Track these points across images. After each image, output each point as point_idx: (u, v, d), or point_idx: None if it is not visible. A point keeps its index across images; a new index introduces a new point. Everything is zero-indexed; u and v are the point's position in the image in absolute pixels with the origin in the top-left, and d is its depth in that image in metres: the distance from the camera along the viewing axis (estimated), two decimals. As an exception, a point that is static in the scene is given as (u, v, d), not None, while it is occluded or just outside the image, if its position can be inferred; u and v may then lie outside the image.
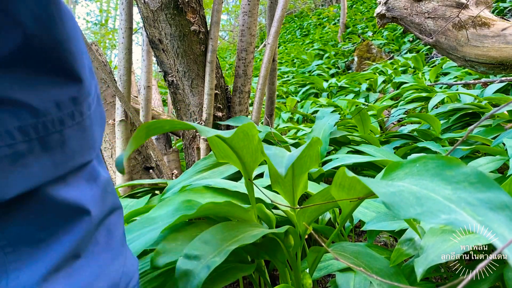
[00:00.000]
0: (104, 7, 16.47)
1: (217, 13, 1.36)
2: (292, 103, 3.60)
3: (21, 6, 0.32)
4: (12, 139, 0.34)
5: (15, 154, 0.34)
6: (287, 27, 11.45)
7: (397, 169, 0.44)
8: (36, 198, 0.37)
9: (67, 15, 0.37)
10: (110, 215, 0.46)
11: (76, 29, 0.39)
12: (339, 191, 0.53)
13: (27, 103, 0.34)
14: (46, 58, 0.35)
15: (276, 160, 0.45)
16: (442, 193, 0.35)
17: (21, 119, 0.34)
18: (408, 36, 5.66)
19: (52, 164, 0.37)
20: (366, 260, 0.63)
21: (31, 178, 0.36)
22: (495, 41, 1.69)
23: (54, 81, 0.37)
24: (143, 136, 0.44)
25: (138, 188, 1.40)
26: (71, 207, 0.39)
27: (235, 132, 0.52)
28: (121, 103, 1.38)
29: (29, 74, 0.34)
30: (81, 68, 0.40)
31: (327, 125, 1.50)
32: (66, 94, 0.38)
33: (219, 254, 0.52)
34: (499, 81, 2.02)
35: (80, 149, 0.40)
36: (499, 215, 0.31)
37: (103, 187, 0.45)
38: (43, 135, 0.36)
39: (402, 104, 2.50)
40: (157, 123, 0.45)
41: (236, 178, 1.02)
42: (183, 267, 0.50)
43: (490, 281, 0.56)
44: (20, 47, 0.33)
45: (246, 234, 0.57)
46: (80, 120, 0.40)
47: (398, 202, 0.33)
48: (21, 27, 0.32)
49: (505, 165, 1.27)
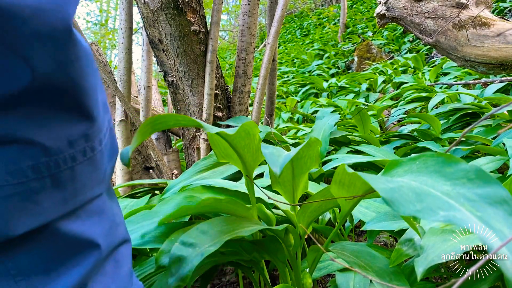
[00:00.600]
0: (104, 7, 16.47)
1: (217, 13, 1.36)
2: (292, 103, 3.60)
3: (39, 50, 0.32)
4: (25, 177, 0.34)
5: (26, 192, 0.34)
6: (287, 27, 11.45)
7: (397, 167, 0.44)
8: (46, 232, 0.37)
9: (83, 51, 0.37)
10: (119, 247, 0.47)
11: (91, 64, 0.39)
12: (339, 188, 0.53)
13: (39, 142, 0.34)
14: (59, 97, 0.35)
15: (272, 160, 0.45)
16: (441, 189, 0.35)
17: (34, 158, 0.34)
18: (408, 36, 5.66)
19: (63, 200, 0.37)
20: (366, 259, 0.63)
21: (42, 214, 0.36)
22: (495, 41, 1.69)
23: (67, 119, 0.37)
24: (148, 131, 0.44)
25: (138, 188, 1.40)
26: (81, 241, 0.40)
27: (238, 130, 0.52)
28: (121, 103, 1.38)
29: (42, 113, 0.34)
30: (95, 104, 0.40)
31: (327, 125, 1.50)
32: (78, 132, 0.38)
33: (215, 244, 0.52)
34: (499, 81, 2.02)
35: (90, 183, 0.41)
36: (498, 209, 0.31)
37: (113, 220, 0.45)
38: (55, 172, 0.36)
39: (402, 104, 2.50)
40: (162, 118, 0.45)
41: (236, 178, 1.02)
42: (178, 253, 0.51)
43: (490, 281, 0.56)
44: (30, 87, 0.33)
45: (244, 228, 0.58)
46: (91, 155, 0.40)
47: (397, 198, 0.33)
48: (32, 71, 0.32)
49: (505, 165, 1.27)
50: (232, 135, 0.54)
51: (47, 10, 0.31)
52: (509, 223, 0.30)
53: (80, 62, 0.36)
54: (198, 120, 0.48)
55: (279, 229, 0.60)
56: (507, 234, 0.28)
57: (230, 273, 1.09)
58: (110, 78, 1.37)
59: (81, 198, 0.40)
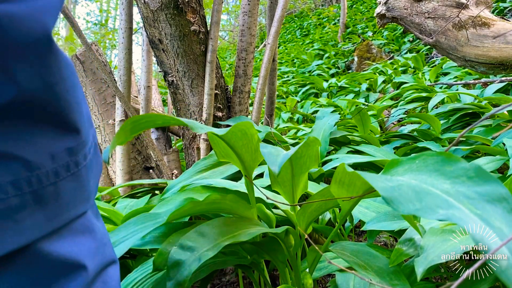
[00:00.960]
0: (104, 7, 16.47)
1: (217, 13, 1.36)
2: (292, 103, 3.61)
3: (21, 61, 0.31)
4: (4, 193, 0.31)
5: (7, 209, 0.32)
6: (287, 27, 11.45)
7: (396, 166, 0.44)
8: (28, 253, 0.35)
9: (65, 62, 0.35)
10: (107, 268, 0.44)
11: (74, 77, 0.37)
12: (339, 187, 0.53)
13: (20, 156, 0.32)
14: (41, 110, 0.34)
15: (270, 159, 0.45)
16: (440, 187, 0.35)
17: (14, 173, 0.32)
18: (408, 36, 5.66)
19: (46, 218, 0.35)
20: (366, 259, 0.63)
21: (23, 234, 0.33)
22: (495, 41, 1.69)
23: (49, 133, 0.35)
24: (128, 131, 0.43)
25: (138, 188, 1.40)
26: (66, 262, 0.37)
27: (231, 130, 0.52)
28: (121, 103, 1.38)
29: (23, 127, 0.33)
30: (79, 117, 0.38)
31: (327, 125, 1.50)
32: (62, 146, 0.36)
33: (213, 249, 0.52)
34: (499, 81, 2.02)
35: (74, 201, 0.38)
36: (497, 207, 0.31)
37: (100, 240, 0.43)
38: (37, 188, 0.34)
39: (402, 104, 2.50)
40: (147, 117, 0.44)
41: (236, 178, 1.02)
42: (176, 257, 0.51)
43: (490, 281, 0.56)
44: (12, 101, 0.31)
45: (243, 231, 0.58)
46: (75, 171, 0.38)
47: (397, 197, 0.33)
48: (16, 84, 0.31)
49: (505, 165, 1.27)
50: (228, 135, 0.54)
51: (25, 19, 0.30)
52: (508, 221, 0.30)
53: (63, 75, 0.35)
54: (185, 120, 0.47)
55: (278, 231, 0.60)
56: (506, 232, 0.28)
57: (230, 273, 1.09)
58: (110, 78, 1.37)
59: (65, 216, 0.38)
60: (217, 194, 0.62)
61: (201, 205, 0.64)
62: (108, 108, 1.52)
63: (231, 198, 0.63)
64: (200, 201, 0.63)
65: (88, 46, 1.31)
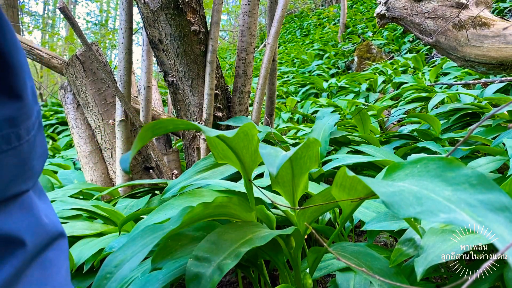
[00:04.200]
0: (104, 7, 16.47)
1: (217, 13, 1.36)
2: (292, 103, 3.61)
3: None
4: None
5: None
6: (287, 27, 11.44)
7: (398, 170, 0.44)
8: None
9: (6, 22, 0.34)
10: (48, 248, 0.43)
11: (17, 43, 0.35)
12: (340, 191, 0.53)
13: None
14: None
15: (269, 160, 0.44)
16: (442, 194, 0.35)
17: None
18: (408, 36, 5.66)
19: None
20: (366, 260, 0.63)
21: None
22: (495, 41, 1.69)
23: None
24: (148, 136, 0.43)
25: (138, 188, 1.40)
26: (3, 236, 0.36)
27: (237, 132, 0.52)
28: (121, 103, 1.38)
29: None
30: (22, 85, 0.36)
31: (327, 125, 1.50)
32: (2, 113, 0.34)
33: (230, 256, 0.50)
34: (499, 81, 2.02)
35: (15, 178, 0.37)
36: (499, 216, 0.31)
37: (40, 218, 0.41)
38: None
39: (402, 104, 2.50)
40: (161, 123, 0.44)
41: (236, 178, 1.02)
42: (194, 270, 0.49)
43: (490, 281, 0.56)
44: None
45: (254, 235, 0.57)
46: (16, 145, 0.36)
47: (398, 201, 0.33)
48: None
49: (505, 165, 1.27)
50: (231, 137, 0.54)
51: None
52: (510, 229, 0.29)
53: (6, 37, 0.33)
54: (196, 124, 0.47)
55: (286, 233, 0.59)
56: (508, 240, 0.28)
57: (230, 273, 1.09)
58: (110, 78, 1.37)
59: (4, 192, 0.36)
60: (225, 196, 0.60)
61: (209, 208, 0.63)
62: (108, 108, 1.52)
63: (237, 201, 0.63)
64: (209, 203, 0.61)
65: (88, 46, 1.31)
